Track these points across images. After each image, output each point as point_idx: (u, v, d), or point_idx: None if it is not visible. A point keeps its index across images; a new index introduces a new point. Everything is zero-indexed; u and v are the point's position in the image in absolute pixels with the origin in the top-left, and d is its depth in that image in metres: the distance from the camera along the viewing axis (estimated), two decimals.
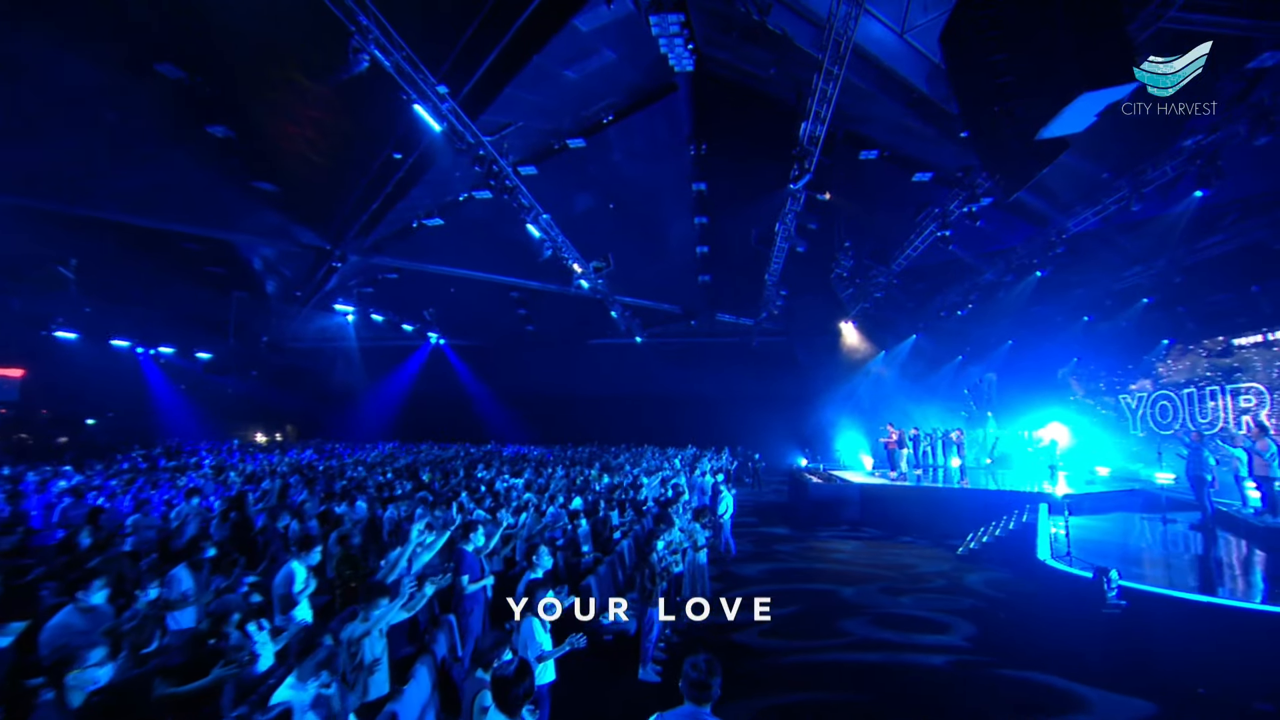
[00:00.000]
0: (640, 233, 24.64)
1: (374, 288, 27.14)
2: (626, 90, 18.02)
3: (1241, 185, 12.57)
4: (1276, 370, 16.16)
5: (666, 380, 33.59)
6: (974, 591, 9.17)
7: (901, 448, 18.98)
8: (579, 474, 14.98)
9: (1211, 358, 17.94)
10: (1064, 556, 7.56)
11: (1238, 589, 7.11)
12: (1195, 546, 9.53)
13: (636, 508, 9.79)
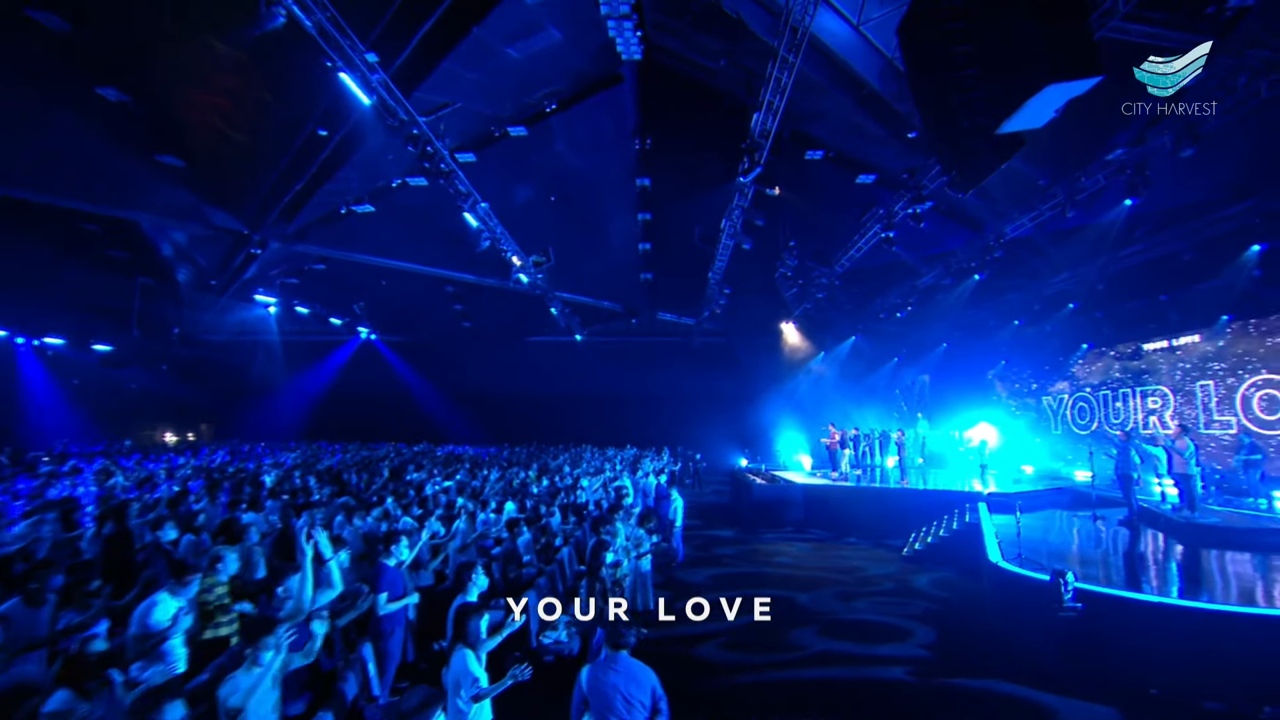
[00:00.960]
0: (582, 227, 24.04)
1: (299, 278, 25.45)
2: (572, 77, 17.39)
3: (1168, 197, 13.09)
4: (1180, 373, 17.10)
5: (607, 379, 33.15)
6: (924, 594, 9.07)
7: (843, 448, 19.14)
8: (516, 476, 14.26)
9: (1123, 361, 18.90)
10: (1016, 559, 7.48)
11: (1176, 586, 7.17)
12: (1126, 543, 9.75)
13: (577, 512, 9.22)
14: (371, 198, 18.29)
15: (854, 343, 26.93)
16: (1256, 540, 9.31)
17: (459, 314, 30.12)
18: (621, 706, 3.31)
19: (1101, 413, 19.80)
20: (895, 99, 11.40)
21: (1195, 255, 14.07)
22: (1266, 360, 14.79)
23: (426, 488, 10.68)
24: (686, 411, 32.43)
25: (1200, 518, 9.92)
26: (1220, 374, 15.92)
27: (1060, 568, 6.10)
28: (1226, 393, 15.82)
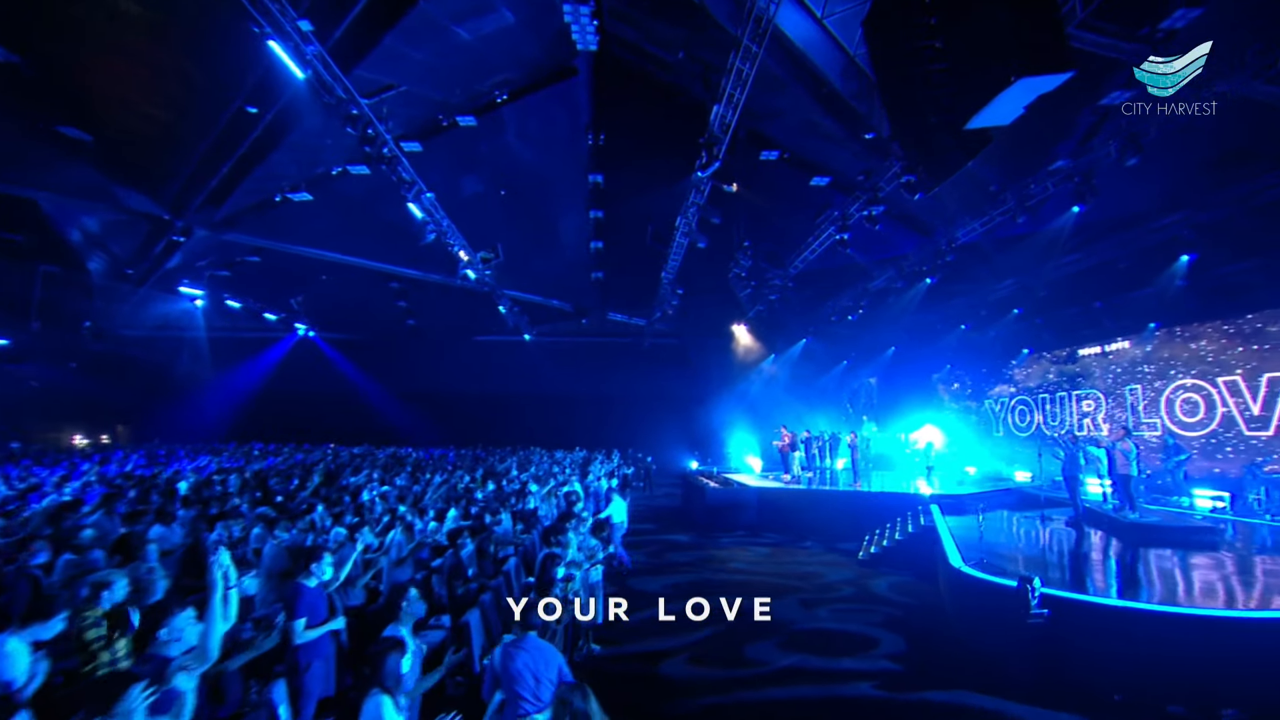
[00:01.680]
0: (532, 224, 23.41)
1: (231, 270, 23.86)
2: (524, 66, 16.80)
3: (1108, 208, 13.46)
4: (1111, 377, 17.79)
5: (556, 380, 32.59)
6: (885, 599, 8.92)
7: (794, 450, 19.12)
8: (460, 480, 13.55)
9: (1059, 365, 19.57)
10: (977, 563, 7.36)
11: (1133, 589, 7.17)
12: (1078, 545, 9.86)
13: (526, 518, 8.68)
14: (309, 185, 17.20)
15: (805, 345, 27.12)
16: (1191, 539, 9.57)
17: (403, 311, 28.97)
18: (531, 682, 3.51)
19: (1040, 415, 20.46)
20: (855, 98, 11.32)
21: (1130, 263, 14.58)
22: (1190, 365, 15.47)
23: (363, 494, 9.90)
24: (637, 413, 32.11)
25: (1141, 518, 10.14)
26: (1148, 378, 16.59)
27: (1026, 574, 5.96)
28: (1154, 396, 16.50)
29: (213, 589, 2.79)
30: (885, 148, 12.98)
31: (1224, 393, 14.90)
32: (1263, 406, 14.12)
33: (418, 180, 13.92)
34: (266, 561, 5.21)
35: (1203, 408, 15.31)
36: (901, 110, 7.81)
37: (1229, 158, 12.63)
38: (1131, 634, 5.83)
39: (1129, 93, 11.52)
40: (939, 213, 15.64)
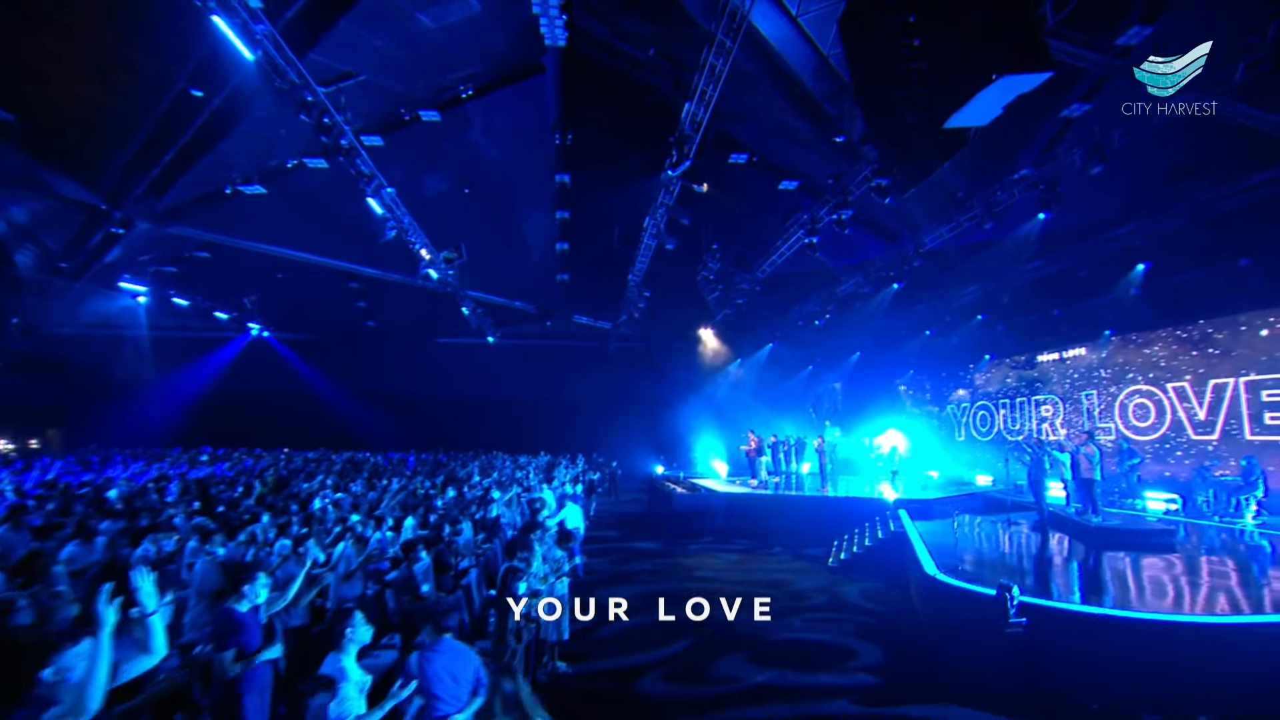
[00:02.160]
0: (496, 223, 22.92)
1: (178, 266, 22.66)
2: (490, 61, 16.36)
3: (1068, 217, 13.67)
4: (1069, 383, 18.19)
5: (520, 383, 32.10)
6: (857, 607, 8.76)
7: (761, 455, 19.02)
8: (420, 486, 12.99)
9: (1018, 370, 19.95)
10: (951, 570, 7.24)
11: (1103, 593, 7.13)
12: (1046, 549, 9.89)
13: (488, 528, 8.24)
14: (263, 178, 16.37)
15: (772, 349, 27.16)
16: (1151, 541, 9.70)
17: (363, 311, 28.03)
18: (450, 683, 3.53)
19: (1000, 420, 20.82)
20: (826, 99, 11.23)
21: (1090, 271, 14.88)
22: (1143, 370, 15.88)
23: (315, 501, 9.31)
24: (602, 417, 31.76)
25: (1104, 521, 10.24)
26: (1104, 383, 16.99)
27: (1005, 581, 5.82)
28: (1109, 401, 16.90)
29: (100, 623, 2.33)
30: (855, 151, 12.97)
31: (1173, 398, 15.32)
32: (1209, 411, 14.55)
33: (377, 174, 13.35)
34: (197, 580, 4.69)
35: (1153, 412, 15.72)
36: (877, 110, 7.69)
37: (1179, 171, 13.01)
38: (1108, 642, 5.74)
39: (1088, 104, 11.78)
40: (906, 219, 15.75)
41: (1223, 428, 14.30)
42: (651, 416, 30.49)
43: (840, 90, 10.97)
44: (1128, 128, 9.97)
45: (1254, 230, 12.50)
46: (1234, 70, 8.50)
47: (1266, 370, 13.36)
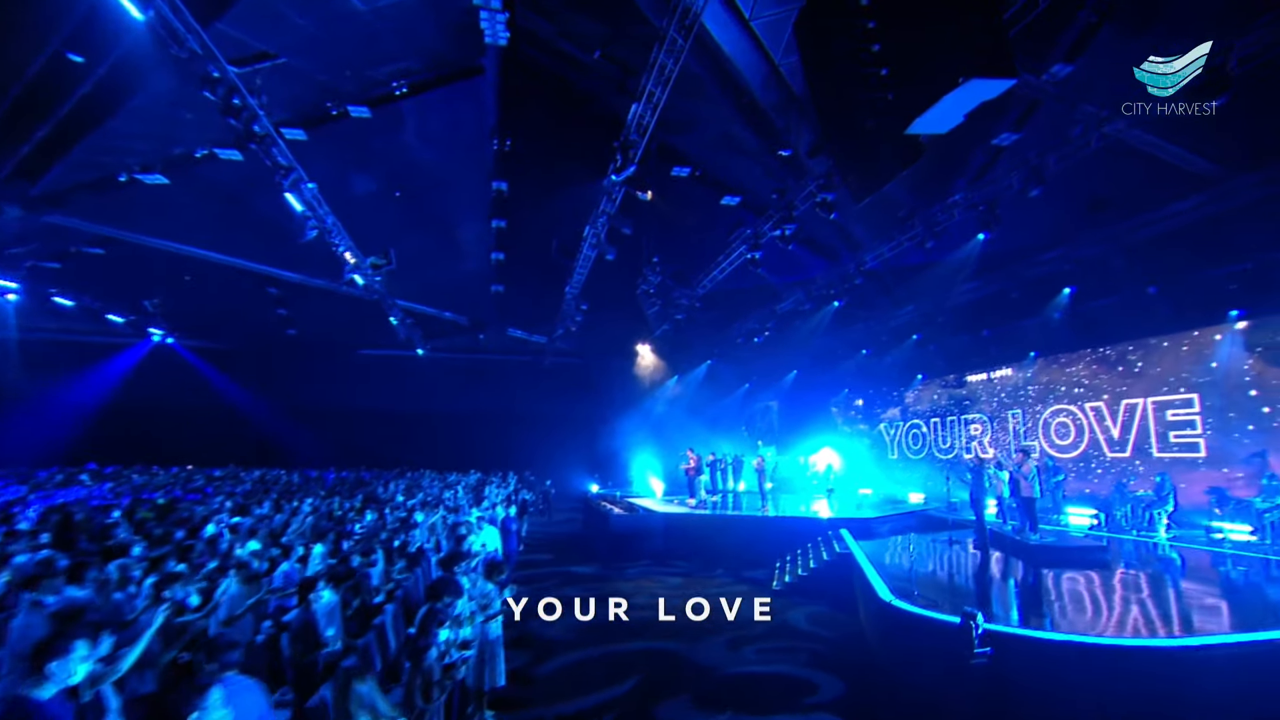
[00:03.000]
0: (429, 230, 21.90)
1: (62, 263, 20.38)
2: (425, 57, 15.59)
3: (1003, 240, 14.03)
4: (996, 402, 18.75)
5: (451, 398, 30.85)
6: (807, 634, 8.36)
7: (700, 474, 18.63)
8: (337, 507, 11.84)
9: (948, 389, 20.47)
10: (908, 595, 6.92)
11: (1061, 616, 6.96)
12: (988, 569, 9.81)
13: (409, 556, 7.37)
14: (166, 167, 14.82)
15: (710, 366, 27.02)
16: (1088, 557, 9.80)
17: (283, 319, 26.10)
18: None
19: (932, 438, 21.27)
20: (774, 110, 11.07)
21: (1021, 294, 15.33)
22: (1064, 391, 16.49)
23: (208, 527, 8.14)
24: (536, 434, 30.80)
25: (1041, 539, 10.30)
26: (1029, 402, 17.56)
27: (969, 609, 5.51)
28: (1033, 420, 17.48)
29: None
30: (801, 166, 12.90)
31: (1090, 417, 15.95)
32: (1121, 430, 15.19)
33: (296, 167, 12.25)
34: (14, 637, 3.63)
35: (1073, 431, 16.32)
36: (834, 115, 7.47)
37: (1096, 203, 13.61)
38: (1079, 669, 5.49)
39: (1018, 134, 12.12)
40: (848, 237, 15.88)
41: (1135, 446, 14.94)
42: (587, 433, 29.78)
43: (788, 102, 10.84)
44: (1063, 152, 10.22)
45: (1162, 259, 13.16)
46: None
47: (1172, 391, 14.04)
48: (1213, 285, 12.97)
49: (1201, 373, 13.45)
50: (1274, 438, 11.99)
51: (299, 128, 13.94)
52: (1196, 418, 13.73)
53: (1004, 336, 17.71)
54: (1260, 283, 12.32)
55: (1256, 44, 8.20)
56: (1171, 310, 13.94)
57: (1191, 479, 13.21)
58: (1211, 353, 13.29)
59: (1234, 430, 12.78)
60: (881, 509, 16.65)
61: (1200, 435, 13.65)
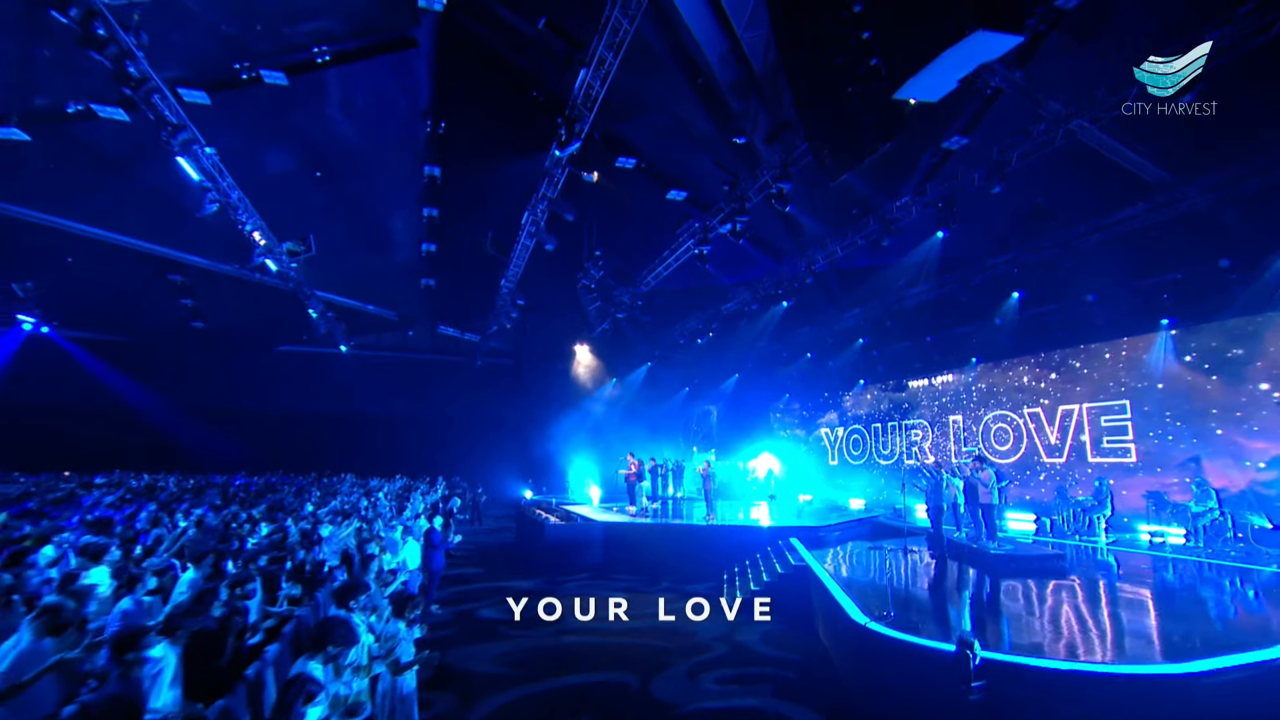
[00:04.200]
0: (353, 216, 20.19)
1: None
2: (353, 22, 14.22)
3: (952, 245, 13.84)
4: (937, 408, 18.75)
5: (376, 399, 28.97)
6: (767, 658, 7.57)
7: (641, 480, 17.73)
8: (232, 519, 10.27)
9: (889, 394, 20.41)
10: (881, 616, 6.22)
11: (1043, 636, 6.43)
12: (954, 582, 9.34)
13: (308, 580, 6.12)
14: (26, 120, 12.72)
15: (650, 369, 26.22)
16: (1047, 566, 9.50)
17: (188, 310, 23.54)
18: None
19: (873, 444, 21.17)
20: (731, 91, 10.39)
21: (969, 298, 15.22)
22: (1007, 396, 16.55)
23: (46, 549, 6.59)
24: (468, 438, 29.25)
25: (999, 548, 9.94)
26: (969, 408, 17.58)
27: (965, 635, 4.82)
28: (973, 425, 17.51)
29: None
30: (755, 155, 12.30)
31: (1028, 423, 16.05)
32: (1058, 435, 15.31)
33: (189, 125, 10.64)
34: None
35: (1012, 436, 16.39)
36: (808, 84, 6.76)
37: (1036, 213, 13.65)
38: (1091, 700, 4.87)
39: (966, 139, 11.90)
40: (799, 235, 15.41)
41: (1070, 451, 15.08)
42: (521, 438, 28.45)
43: (748, 82, 10.17)
44: (1026, 149, 9.95)
45: (1106, 267, 13.26)
46: (1128, 94, 8.57)
47: (1109, 397, 14.21)
48: (1147, 294, 13.17)
49: (1137, 378, 13.63)
50: (1206, 444, 12.18)
51: (200, 89, 12.27)
52: (1129, 423, 13.94)
53: (947, 342, 17.70)
54: (1190, 293, 12.56)
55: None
56: (1108, 318, 14.11)
57: (1131, 484, 13.32)
58: (1146, 360, 13.50)
59: (1169, 435, 12.96)
60: (824, 515, 16.25)
61: (1131, 441, 13.86)
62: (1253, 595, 8.34)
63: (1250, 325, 11.65)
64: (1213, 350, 12.24)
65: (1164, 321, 13.08)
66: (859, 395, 21.66)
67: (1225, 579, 9.28)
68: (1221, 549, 11.03)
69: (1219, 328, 12.13)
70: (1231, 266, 11.77)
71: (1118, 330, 13.93)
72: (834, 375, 21.42)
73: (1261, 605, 7.81)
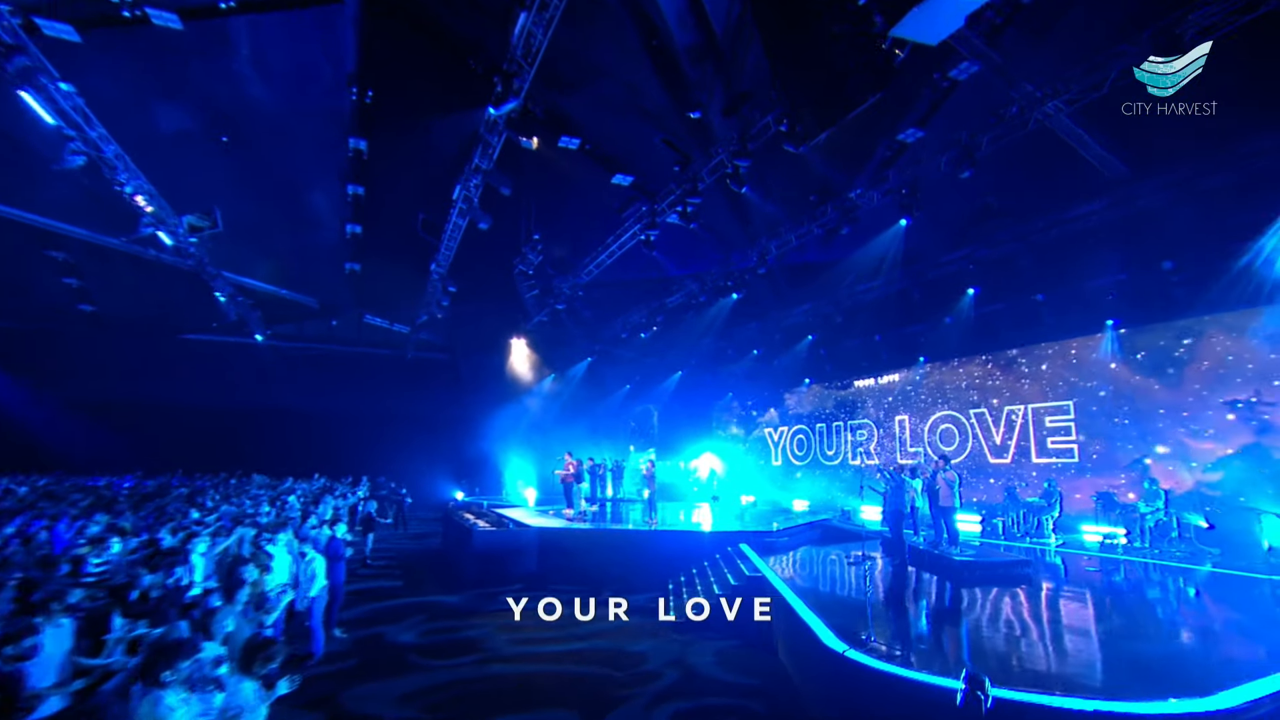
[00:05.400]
0: (267, 190, 18.19)
1: None
2: None
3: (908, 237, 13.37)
4: (884, 409, 18.45)
5: (296, 393, 26.65)
6: (725, 685, 6.63)
7: (579, 482, 16.60)
8: (80, 531, 8.55)
9: (835, 392, 20.04)
10: (862, 643, 5.38)
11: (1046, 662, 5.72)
12: (926, 594, 8.65)
13: (152, 609, 4.76)
14: None
15: (590, 365, 25.12)
16: (1013, 573, 8.98)
17: (74, 291, 20.87)
18: None
19: (818, 444, 20.74)
20: (688, 56, 9.46)
21: (922, 294, 14.83)
22: (954, 396, 16.33)
23: None
24: (396, 436, 27.26)
25: (962, 554, 9.36)
26: (919, 408, 17.31)
27: (973, 669, 3.99)
28: (918, 425, 17.26)
29: None
30: (710, 132, 11.43)
31: (974, 424, 15.87)
32: (1003, 436, 15.17)
33: (29, 47, 8.85)
34: None
35: (958, 437, 16.19)
36: (787, 30, 5.85)
37: (982, 213, 13.37)
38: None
39: (922, 131, 11.41)
40: (749, 224, 14.66)
41: (1015, 452, 14.94)
42: (453, 435, 26.75)
43: (706, 47, 9.28)
44: (997, 132, 9.43)
45: (1058, 265, 13.08)
46: (1105, 78, 8.11)
47: (1058, 398, 14.10)
48: (1095, 295, 13.06)
49: (1086, 378, 13.53)
50: (1154, 444, 12.09)
51: (66, 23, 10.42)
52: (1072, 424, 13.87)
53: (896, 341, 17.37)
54: (1134, 294, 12.49)
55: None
56: (1054, 319, 13.98)
57: (1080, 485, 13.18)
58: (1094, 360, 13.41)
59: (1117, 437, 12.87)
60: (769, 518, 15.56)
61: (1075, 441, 13.79)
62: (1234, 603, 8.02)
63: (1197, 326, 11.61)
64: (1161, 350, 12.18)
65: (1109, 322, 13.02)
66: (803, 394, 21.22)
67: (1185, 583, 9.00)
68: (1167, 549, 10.89)
69: (1167, 328, 12.08)
70: (1175, 268, 11.72)
71: (1066, 330, 13.83)
72: (780, 374, 20.88)
73: (1247, 614, 7.44)
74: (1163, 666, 5.25)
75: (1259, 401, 10.40)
